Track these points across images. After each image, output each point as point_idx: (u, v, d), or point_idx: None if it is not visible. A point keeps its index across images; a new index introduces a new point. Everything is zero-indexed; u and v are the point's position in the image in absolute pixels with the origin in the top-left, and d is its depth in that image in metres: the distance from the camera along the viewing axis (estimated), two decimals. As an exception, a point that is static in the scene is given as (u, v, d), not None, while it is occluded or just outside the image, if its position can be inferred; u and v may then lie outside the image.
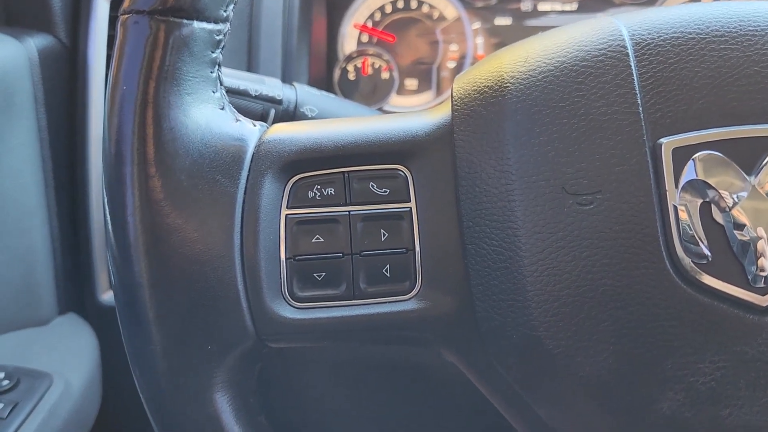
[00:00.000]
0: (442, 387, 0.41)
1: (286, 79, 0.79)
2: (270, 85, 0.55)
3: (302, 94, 0.57)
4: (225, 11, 0.39)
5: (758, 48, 0.37)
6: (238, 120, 0.40)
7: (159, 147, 0.37)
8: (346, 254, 0.39)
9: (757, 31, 0.37)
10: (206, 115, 0.38)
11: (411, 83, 0.91)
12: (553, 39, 0.40)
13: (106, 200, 0.38)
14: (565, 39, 0.39)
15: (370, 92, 0.88)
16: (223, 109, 0.40)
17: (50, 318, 0.71)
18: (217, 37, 0.39)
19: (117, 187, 0.37)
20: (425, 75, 0.91)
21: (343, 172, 0.39)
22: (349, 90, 0.88)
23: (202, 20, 0.38)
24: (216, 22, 0.38)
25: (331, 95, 0.62)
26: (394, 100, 0.90)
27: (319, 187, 0.39)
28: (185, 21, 0.37)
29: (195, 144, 0.37)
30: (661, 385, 0.35)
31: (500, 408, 0.40)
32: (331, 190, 0.39)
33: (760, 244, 0.35)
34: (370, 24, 0.92)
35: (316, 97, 0.58)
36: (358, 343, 0.39)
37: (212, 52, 0.39)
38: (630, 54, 0.37)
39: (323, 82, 0.88)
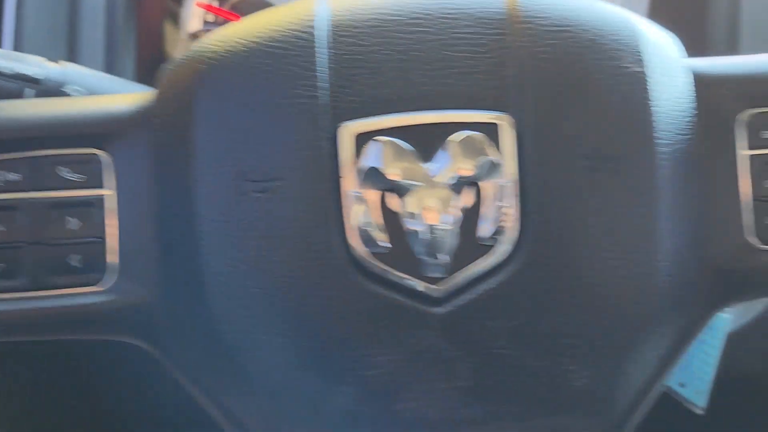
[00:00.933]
0: (146, 376, 0.39)
1: (110, 58, 0.76)
2: (29, 63, 0.53)
3: (69, 73, 0.55)
4: None
5: (452, 31, 0.36)
6: None
7: None
8: (30, 243, 0.36)
9: (453, 13, 0.36)
10: None
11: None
12: (255, 20, 0.38)
13: None
14: (264, 20, 0.38)
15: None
16: None
17: None
18: None
19: None
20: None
21: (29, 157, 0.37)
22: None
23: None
24: None
25: (107, 75, 0.59)
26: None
27: (1, 171, 0.37)
28: None
29: None
30: (336, 379, 0.34)
31: (196, 398, 0.38)
32: (15, 175, 0.37)
33: (434, 233, 0.34)
34: (215, 3, 0.89)
35: (86, 76, 0.55)
36: (46, 336, 0.38)
37: None
38: (323, 35, 0.36)
39: (159, 61, 0.85)
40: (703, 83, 0.37)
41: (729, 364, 0.66)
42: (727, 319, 0.65)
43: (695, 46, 0.79)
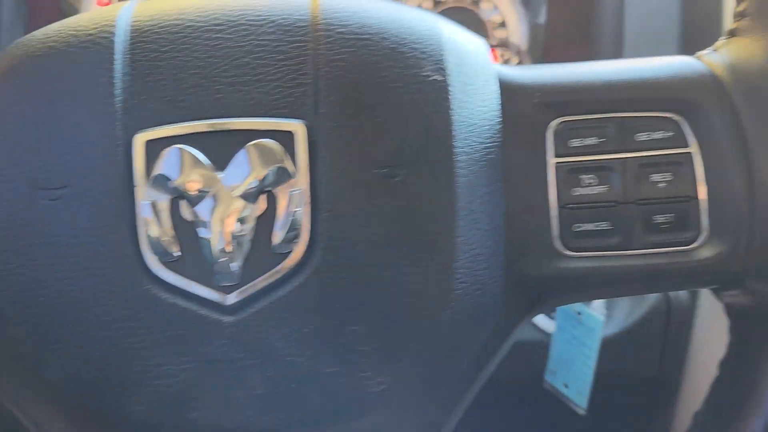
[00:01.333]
0: None
1: None
2: None
3: None
4: None
5: (253, 38, 0.35)
6: None
7: None
8: None
9: (256, 20, 0.36)
10: None
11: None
12: (61, 24, 0.38)
13: None
14: (69, 23, 0.37)
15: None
16: None
17: None
18: None
19: None
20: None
21: None
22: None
23: None
24: None
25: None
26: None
27: None
28: None
29: None
30: (128, 390, 0.34)
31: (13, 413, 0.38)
32: None
33: (226, 242, 0.33)
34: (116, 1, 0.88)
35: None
36: None
37: None
38: (122, 41, 0.35)
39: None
40: (511, 92, 0.38)
41: (609, 367, 0.67)
42: (602, 321, 0.66)
43: (586, 50, 0.80)
